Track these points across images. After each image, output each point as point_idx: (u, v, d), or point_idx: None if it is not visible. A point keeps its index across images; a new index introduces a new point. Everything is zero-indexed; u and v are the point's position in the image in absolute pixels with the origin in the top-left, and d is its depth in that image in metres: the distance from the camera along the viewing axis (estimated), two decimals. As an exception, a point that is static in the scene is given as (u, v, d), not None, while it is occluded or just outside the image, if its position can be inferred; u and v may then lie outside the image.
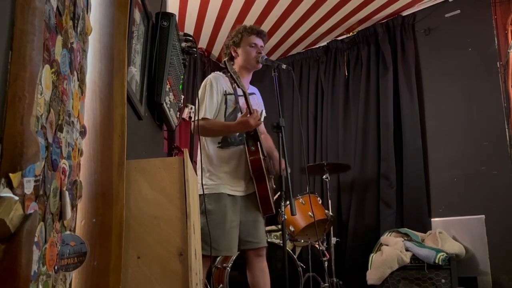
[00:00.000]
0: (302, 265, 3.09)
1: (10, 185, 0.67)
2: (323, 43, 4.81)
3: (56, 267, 0.89)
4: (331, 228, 3.55)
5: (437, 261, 3.11)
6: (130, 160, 1.24)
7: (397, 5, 4.11)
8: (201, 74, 4.67)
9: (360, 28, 4.50)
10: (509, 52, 3.54)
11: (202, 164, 2.36)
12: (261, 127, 2.56)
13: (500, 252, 3.37)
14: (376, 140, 4.16)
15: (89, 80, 1.11)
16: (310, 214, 3.17)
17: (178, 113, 2.22)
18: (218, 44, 4.65)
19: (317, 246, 3.38)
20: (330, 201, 3.78)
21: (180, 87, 2.21)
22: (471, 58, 3.78)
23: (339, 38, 4.68)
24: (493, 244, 3.41)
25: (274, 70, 2.37)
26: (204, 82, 2.41)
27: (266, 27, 4.25)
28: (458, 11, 3.91)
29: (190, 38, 2.16)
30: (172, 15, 1.86)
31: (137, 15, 1.58)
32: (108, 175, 1.12)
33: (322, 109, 4.67)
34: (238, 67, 2.46)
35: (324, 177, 3.74)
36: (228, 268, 2.78)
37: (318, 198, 3.50)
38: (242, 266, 2.77)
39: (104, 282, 1.06)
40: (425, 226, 3.73)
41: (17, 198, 0.68)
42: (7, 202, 0.65)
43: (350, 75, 4.52)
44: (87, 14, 1.09)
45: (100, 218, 1.09)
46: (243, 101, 2.27)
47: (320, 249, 3.35)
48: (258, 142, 2.27)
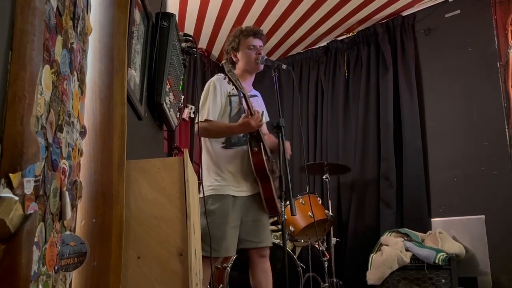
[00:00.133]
0: (302, 265, 3.09)
1: (10, 185, 0.67)
2: (323, 43, 4.81)
3: (56, 267, 0.89)
4: (331, 228, 3.55)
5: (437, 261, 3.11)
6: (130, 160, 1.24)
7: (397, 5, 4.11)
8: (201, 74, 4.68)
9: (360, 28, 4.50)
10: (509, 52, 3.54)
11: (206, 165, 2.36)
12: (263, 129, 2.56)
13: (500, 252, 3.37)
14: (376, 140, 4.16)
15: (89, 80, 1.12)
16: (310, 214, 3.17)
17: (178, 113, 2.22)
18: (218, 44, 4.65)
19: (317, 246, 3.38)
20: (330, 201, 3.78)
21: (180, 87, 2.21)
22: (471, 58, 3.78)
23: (339, 38, 4.68)
24: (493, 244, 3.41)
25: (274, 70, 2.37)
26: (207, 84, 2.41)
27: (266, 27, 4.26)
28: (458, 11, 3.91)
29: (190, 38, 2.16)
30: (172, 15, 1.86)
31: (137, 15, 1.59)
32: (108, 175, 1.12)
33: (322, 109, 4.67)
34: (240, 71, 2.46)
35: (324, 177, 3.74)
36: (228, 268, 2.78)
37: (318, 198, 3.50)
38: (242, 266, 2.77)
39: (104, 282, 1.06)
40: (425, 226, 3.73)
41: (17, 198, 0.68)
42: (7, 202, 0.65)
43: (350, 75, 4.52)
44: (87, 14, 1.09)
45: (100, 218, 1.09)
46: (250, 102, 2.27)
47: (320, 249, 3.35)
48: (261, 143, 2.27)
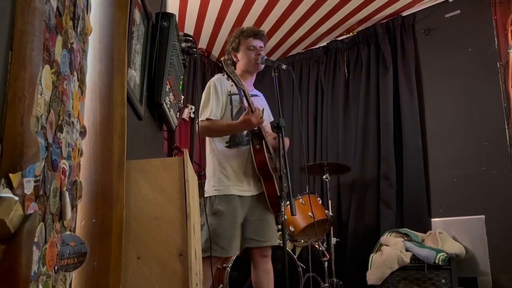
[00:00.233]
0: (302, 265, 3.09)
1: (10, 185, 0.67)
2: (323, 44, 4.81)
3: (56, 268, 0.89)
4: (331, 228, 3.55)
5: (437, 261, 3.11)
6: (130, 160, 1.24)
7: (397, 5, 4.11)
8: (201, 74, 4.68)
9: (360, 28, 4.50)
10: (509, 52, 3.54)
11: (210, 164, 2.37)
12: (267, 129, 2.56)
13: (500, 252, 3.37)
14: (376, 140, 4.16)
15: (89, 80, 1.12)
16: (310, 214, 3.17)
17: (178, 113, 2.22)
18: (218, 44, 4.65)
19: (317, 246, 3.38)
20: (330, 201, 3.78)
21: (180, 88, 2.21)
22: (471, 58, 3.78)
23: (339, 39, 4.68)
24: (493, 244, 3.41)
25: (274, 70, 2.37)
26: (208, 84, 2.41)
27: (266, 28, 4.25)
28: (458, 11, 3.91)
29: (190, 39, 2.16)
30: (172, 15, 1.86)
31: (137, 15, 1.58)
32: (108, 176, 1.12)
33: (322, 109, 4.67)
34: (240, 71, 2.47)
35: (324, 177, 3.74)
36: (228, 268, 2.78)
37: (318, 198, 3.50)
38: (242, 266, 2.77)
39: (104, 282, 1.06)
40: (425, 226, 3.73)
41: (17, 199, 0.68)
42: (7, 203, 0.65)
43: (350, 75, 4.52)
44: (87, 14, 1.09)
45: (100, 219, 1.09)
46: (250, 99, 2.28)
47: (320, 249, 3.35)
48: (263, 141, 2.27)
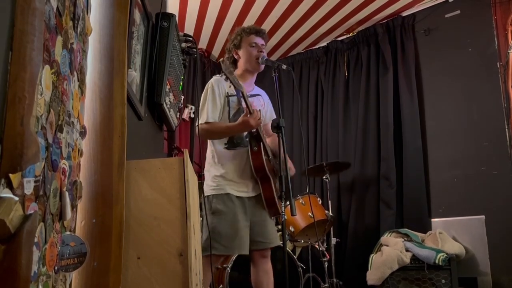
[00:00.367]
0: (302, 265, 3.09)
1: (10, 185, 0.67)
2: (323, 44, 4.80)
3: (56, 268, 0.89)
4: (331, 228, 3.55)
5: (437, 261, 3.11)
6: (130, 160, 1.24)
7: (397, 5, 4.11)
8: (201, 74, 4.68)
9: (360, 28, 4.50)
10: (509, 52, 3.54)
11: (208, 164, 2.38)
12: (267, 130, 2.56)
13: (500, 252, 3.37)
14: (376, 140, 4.16)
15: (89, 80, 1.12)
16: (310, 214, 3.17)
17: (178, 113, 2.23)
18: (218, 44, 4.65)
19: (317, 246, 3.38)
20: (330, 201, 3.78)
21: (180, 88, 2.22)
22: (471, 58, 3.78)
23: (339, 39, 4.68)
24: (493, 244, 3.41)
25: (274, 70, 2.37)
26: (206, 86, 2.41)
27: (266, 28, 4.24)
28: (458, 12, 3.92)
29: (190, 39, 2.16)
30: (172, 16, 1.86)
31: (137, 16, 1.59)
32: (108, 176, 1.12)
33: (322, 109, 4.67)
34: (241, 70, 2.47)
35: (324, 177, 3.74)
36: (228, 268, 2.78)
37: (318, 199, 3.50)
38: (242, 266, 2.77)
39: (104, 282, 1.06)
40: (425, 227, 3.73)
41: (17, 199, 0.68)
42: (7, 203, 0.65)
43: (350, 76, 4.52)
44: (87, 14, 1.09)
45: (100, 219, 1.09)
46: (248, 100, 2.27)
47: (320, 249, 3.35)
48: (261, 143, 2.27)
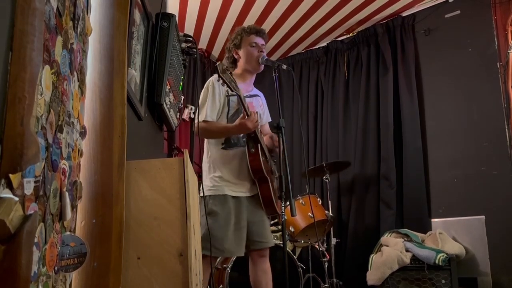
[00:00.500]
0: (302, 265, 3.09)
1: (10, 185, 0.67)
2: (323, 44, 4.81)
3: (56, 268, 0.89)
4: (331, 228, 3.55)
5: (437, 261, 3.11)
6: (130, 160, 1.24)
7: (397, 5, 4.11)
8: (201, 74, 4.68)
9: (360, 28, 4.50)
10: (509, 52, 3.54)
11: (206, 165, 2.37)
12: (265, 129, 2.56)
13: (500, 252, 3.37)
14: (376, 140, 4.16)
15: (89, 80, 1.11)
16: (310, 214, 3.17)
17: (178, 113, 2.22)
18: (218, 44, 4.65)
19: (317, 246, 3.38)
20: (330, 201, 3.78)
21: (180, 88, 2.21)
22: (471, 58, 3.78)
23: (339, 39, 4.68)
24: (493, 244, 3.41)
25: (275, 70, 2.37)
26: (206, 84, 2.41)
27: (266, 28, 4.23)
28: (458, 12, 3.92)
29: (190, 39, 2.16)
30: (172, 16, 1.86)
31: (137, 16, 1.59)
32: (108, 176, 1.12)
33: (322, 109, 4.67)
34: (241, 70, 2.46)
35: (324, 177, 3.74)
36: (228, 268, 2.78)
37: (318, 199, 3.50)
38: (242, 266, 2.77)
39: (104, 283, 1.06)
40: (425, 227, 3.73)
41: (17, 199, 0.68)
42: (7, 203, 0.65)
43: (350, 76, 4.52)
44: (87, 14, 1.09)
45: (100, 219, 1.08)
46: (246, 103, 2.27)
47: (320, 249, 3.35)
48: (258, 144, 2.27)
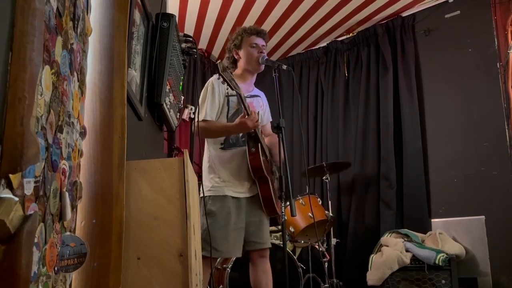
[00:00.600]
0: (302, 266, 3.09)
1: (10, 186, 0.67)
2: (323, 44, 4.81)
3: (56, 268, 0.89)
4: (331, 229, 3.55)
5: (437, 261, 3.10)
6: (130, 160, 1.24)
7: (397, 6, 4.11)
8: (201, 75, 4.68)
9: (360, 29, 4.50)
10: (509, 52, 3.54)
11: (205, 165, 2.37)
12: (267, 129, 2.56)
13: (500, 252, 3.37)
14: (376, 140, 4.16)
15: (89, 81, 1.11)
16: (310, 215, 3.17)
17: (178, 114, 2.22)
18: (218, 45, 4.65)
19: (317, 247, 3.38)
20: (330, 201, 3.78)
21: (180, 88, 2.21)
22: (471, 58, 3.78)
23: (339, 39, 4.68)
24: (493, 244, 3.41)
25: (275, 70, 2.37)
26: (206, 84, 2.41)
27: (266, 28, 4.23)
28: (458, 12, 3.92)
29: (190, 39, 2.16)
30: (172, 16, 1.86)
31: (137, 16, 1.59)
32: (108, 176, 1.12)
33: (322, 109, 4.67)
34: (241, 70, 2.46)
35: (324, 177, 3.74)
36: (228, 269, 2.78)
37: (318, 199, 3.50)
38: (242, 267, 2.77)
39: (104, 283, 1.06)
40: (425, 227, 3.73)
41: (17, 199, 0.68)
42: (7, 203, 0.65)
43: (350, 76, 4.52)
44: (87, 15, 1.09)
45: (100, 219, 1.08)
46: (246, 102, 2.27)
47: (320, 250, 3.35)
48: (259, 143, 2.27)
